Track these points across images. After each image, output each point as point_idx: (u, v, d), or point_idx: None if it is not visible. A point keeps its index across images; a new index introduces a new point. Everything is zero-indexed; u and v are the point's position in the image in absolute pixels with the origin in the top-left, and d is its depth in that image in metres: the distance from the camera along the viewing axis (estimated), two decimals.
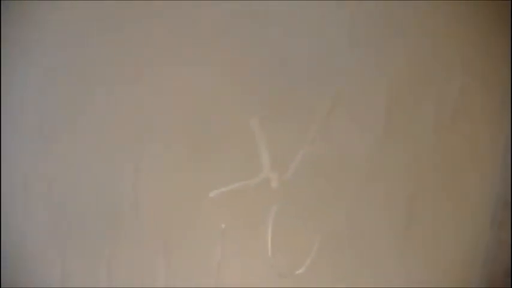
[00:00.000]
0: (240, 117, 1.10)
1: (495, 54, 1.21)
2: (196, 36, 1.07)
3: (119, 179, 1.12)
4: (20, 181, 1.15)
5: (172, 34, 1.06)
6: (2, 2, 0.98)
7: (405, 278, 1.26)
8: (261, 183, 1.12)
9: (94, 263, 1.16)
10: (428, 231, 1.24)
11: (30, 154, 1.13)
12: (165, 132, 1.10)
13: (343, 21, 1.11)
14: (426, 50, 1.16)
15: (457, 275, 1.29)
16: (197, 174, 1.11)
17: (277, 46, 1.09)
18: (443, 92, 1.19)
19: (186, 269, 1.16)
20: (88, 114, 1.09)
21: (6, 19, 0.99)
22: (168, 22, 1.06)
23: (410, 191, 1.20)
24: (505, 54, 1.22)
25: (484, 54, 1.21)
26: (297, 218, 1.16)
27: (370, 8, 1.11)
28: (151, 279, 1.16)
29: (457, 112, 1.20)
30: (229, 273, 1.16)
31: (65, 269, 1.16)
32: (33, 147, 1.13)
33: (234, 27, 1.07)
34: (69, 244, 1.16)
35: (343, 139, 1.14)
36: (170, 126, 1.10)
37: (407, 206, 1.21)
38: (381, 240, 1.22)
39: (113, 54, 1.06)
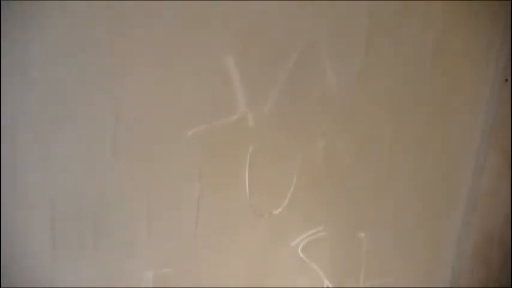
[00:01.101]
0: (214, 55, 1.09)
1: None
2: None
3: (99, 123, 1.11)
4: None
5: None
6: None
7: (385, 222, 1.27)
8: (237, 121, 1.12)
9: (79, 205, 1.16)
10: (410, 172, 1.24)
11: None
12: (142, 72, 1.07)
13: None
14: None
15: (438, 217, 1.30)
16: (173, 113, 1.12)
17: None
18: (424, 32, 1.18)
19: (166, 209, 1.17)
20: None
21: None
22: None
23: (391, 126, 1.20)
24: None
25: None
26: (274, 157, 1.16)
27: None
28: (132, 221, 1.17)
29: (438, 52, 1.19)
30: (208, 213, 1.17)
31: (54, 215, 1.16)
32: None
33: None
34: (55, 185, 1.16)
35: (321, 75, 1.14)
36: (146, 65, 1.06)
37: (389, 140, 1.20)
38: (361, 180, 1.22)
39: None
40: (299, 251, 1.24)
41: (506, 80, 1.27)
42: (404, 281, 1.28)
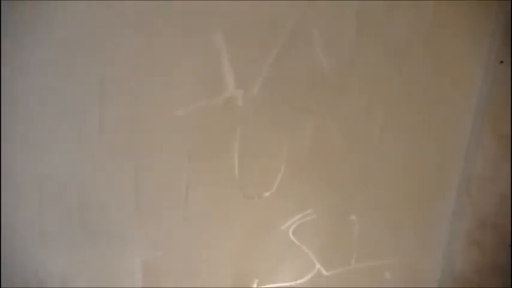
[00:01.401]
0: (202, 32, 1.07)
1: None
2: None
3: (84, 100, 1.10)
4: None
5: None
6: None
7: (377, 204, 1.26)
8: (226, 101, 1.11)
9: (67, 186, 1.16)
10: (401, 154, 1.23)
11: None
12: (128, 49, 1.08)
13: None
14: None
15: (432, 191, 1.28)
16: (162, 93, 1.11)
17: None
18: (416, 14, 1.16)
19: (155, 192, 1.17)
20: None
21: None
22: None
23: (383, 108, 1.18)
24: None
25: None
26: (264, 137, 1.16)
27: None
28: (122, 203, 1.17)
29: (431, 33, 1.17)
30: (197, 196, 1.17)
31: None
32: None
33: None
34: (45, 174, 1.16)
35: (312, 56, 1.12)
36: (132, 43, 1.08)
37: (380, 123, 1.19)
38: (352, 162, 1.21)
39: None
40: (290, 234, 1.23)
41: (501, 62, 1.26)
42: (395, 262, 1.27)
